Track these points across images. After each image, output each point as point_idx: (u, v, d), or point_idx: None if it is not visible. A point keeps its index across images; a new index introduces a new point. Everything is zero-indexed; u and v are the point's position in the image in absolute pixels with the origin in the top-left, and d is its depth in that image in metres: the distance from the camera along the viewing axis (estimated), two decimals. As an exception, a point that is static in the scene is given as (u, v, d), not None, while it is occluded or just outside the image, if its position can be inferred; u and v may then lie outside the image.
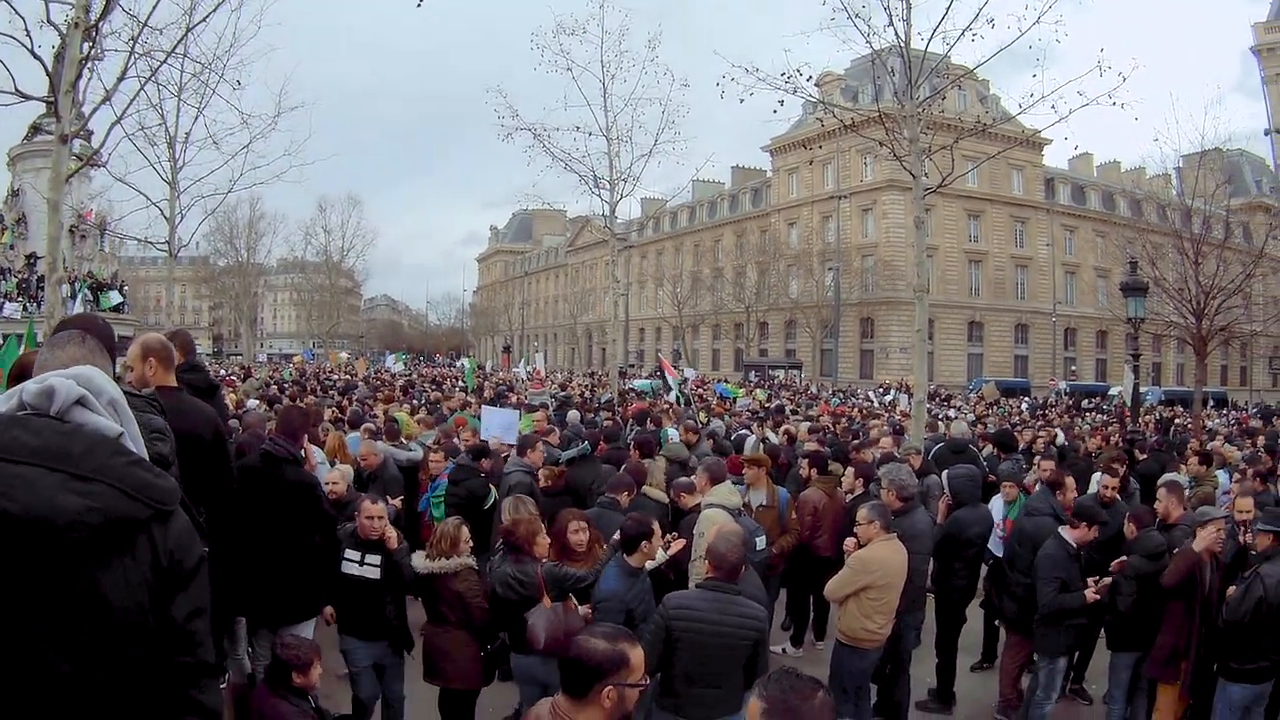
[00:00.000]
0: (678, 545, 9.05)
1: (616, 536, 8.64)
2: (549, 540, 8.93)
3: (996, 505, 12.77)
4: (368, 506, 9.03)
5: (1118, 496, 12.27)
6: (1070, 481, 11.84)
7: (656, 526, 8.61)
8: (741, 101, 20.96)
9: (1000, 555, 12.01)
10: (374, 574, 8.86)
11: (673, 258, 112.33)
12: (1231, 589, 9.20)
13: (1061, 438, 23.77)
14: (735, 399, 35.86)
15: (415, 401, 28.59)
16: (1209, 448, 20.10)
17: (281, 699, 7.34)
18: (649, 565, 8.60)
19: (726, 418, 25.03)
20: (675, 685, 7.27)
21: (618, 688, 4.52)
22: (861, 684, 9.78)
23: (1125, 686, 10.15)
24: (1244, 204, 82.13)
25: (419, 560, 8.76)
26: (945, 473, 14.11)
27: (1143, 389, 55.69)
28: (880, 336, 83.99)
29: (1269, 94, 57.24)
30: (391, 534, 9.01)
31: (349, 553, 8.93)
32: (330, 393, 31.21)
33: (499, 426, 16.66)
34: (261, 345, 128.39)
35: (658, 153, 33.47)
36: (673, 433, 18.47)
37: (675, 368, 36.79)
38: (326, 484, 10.53)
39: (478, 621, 8.73)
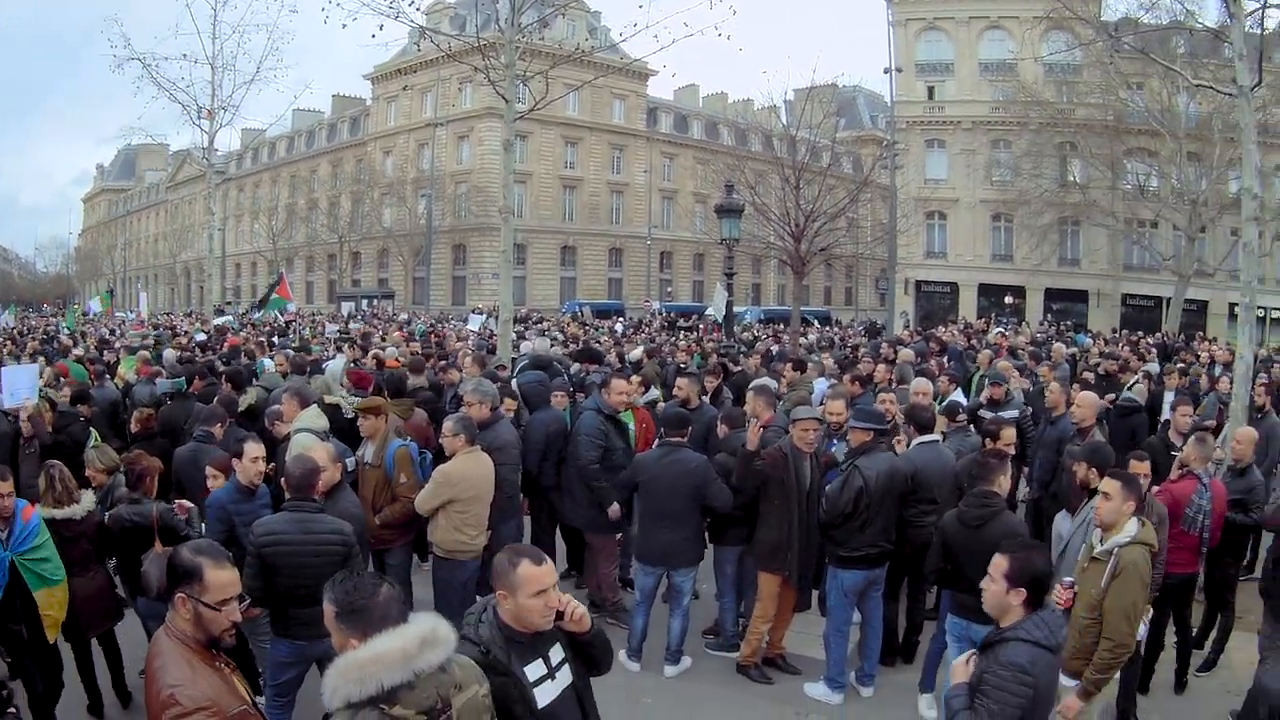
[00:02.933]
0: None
1: None
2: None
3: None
4: (532, 572, 4.77)
5: (698, 399, 12.75)
6: (619, 383, 11.86)
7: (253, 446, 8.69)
8: (344, 27, 20.68)
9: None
10: (568, 676, 5.12)
11: (270, 190, 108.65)
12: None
13: (637, 353, 24.06)
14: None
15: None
16: (817, 358, 21.07)
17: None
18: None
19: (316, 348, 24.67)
20: (282, 608, 7.38)
21: (190, 599, 4.51)
22: (465, 596, 9.70)
23: (732, 580, 10.59)
24: (855, 136, 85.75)
25: (59, 510, 8.40)
26: (515, 378, 14.82)
27: (742, 308, 57.57)
28: (473, 263, 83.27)
29: (894, 35, 59.54)
30: (567, 599, 5.00)
31: (530, 668, 4.89)
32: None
33: (26, 388, 14.20)
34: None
35: (261, 81, 32.95)
36: (268, 363, 18.38)
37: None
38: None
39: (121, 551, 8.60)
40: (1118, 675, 7.54)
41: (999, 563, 5.61)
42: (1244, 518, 10.31)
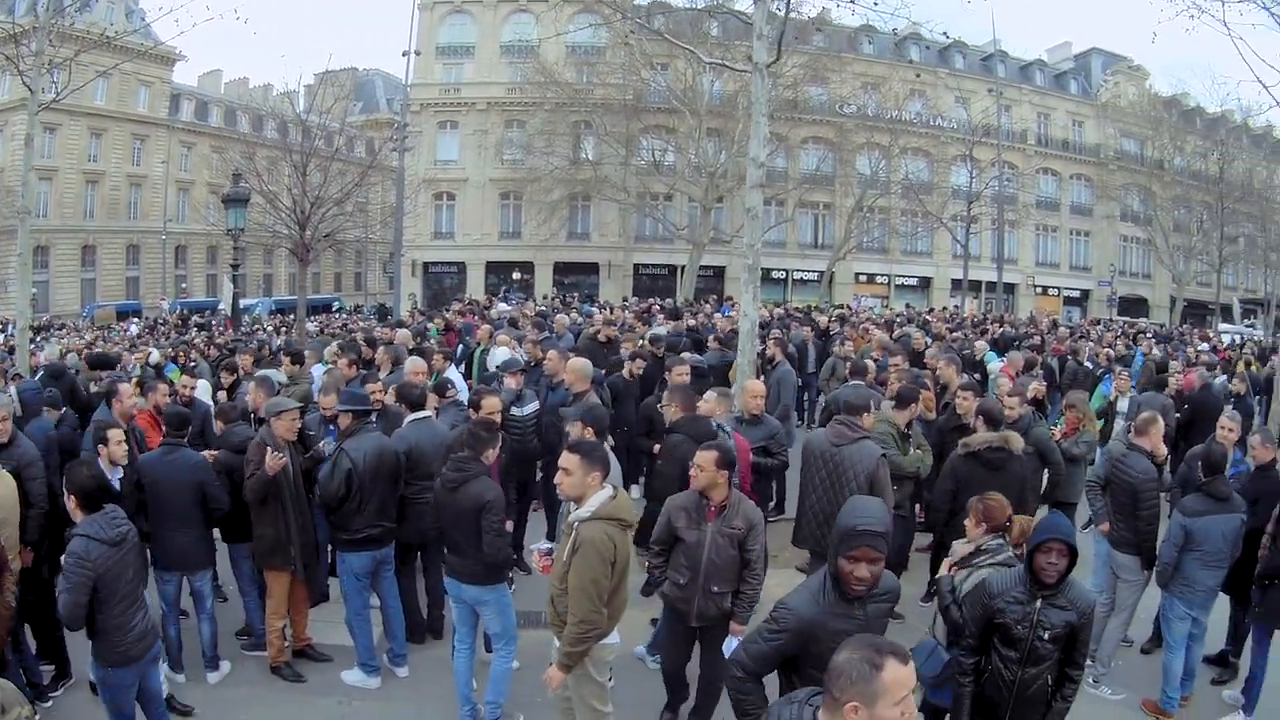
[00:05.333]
0: None
1: None
2: None
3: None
4: (901, 675, 3.83)
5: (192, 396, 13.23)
6: (126, 388, 11.71)
7: None
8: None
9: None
10: None
11: None
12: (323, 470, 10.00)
13: (155, 356, 23.68)
14: None
15: None
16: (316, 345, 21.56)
17: None
18: None
19: None
20: None
21: None
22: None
23: (251, 577, 10.63)
24: (370, 120, 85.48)
25: None
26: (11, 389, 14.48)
27: (253, 300, 56.96)
28: (-1, 269, 78.29)
29: (419, 19, 59.02)
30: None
31: None
32: None
33: None
34: None
35: None
36: None
37: None
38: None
39: None
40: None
41: None
42: (769, 461, 11.48)
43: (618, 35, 47.17)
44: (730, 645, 8.17)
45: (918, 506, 12.77)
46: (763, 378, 16.10)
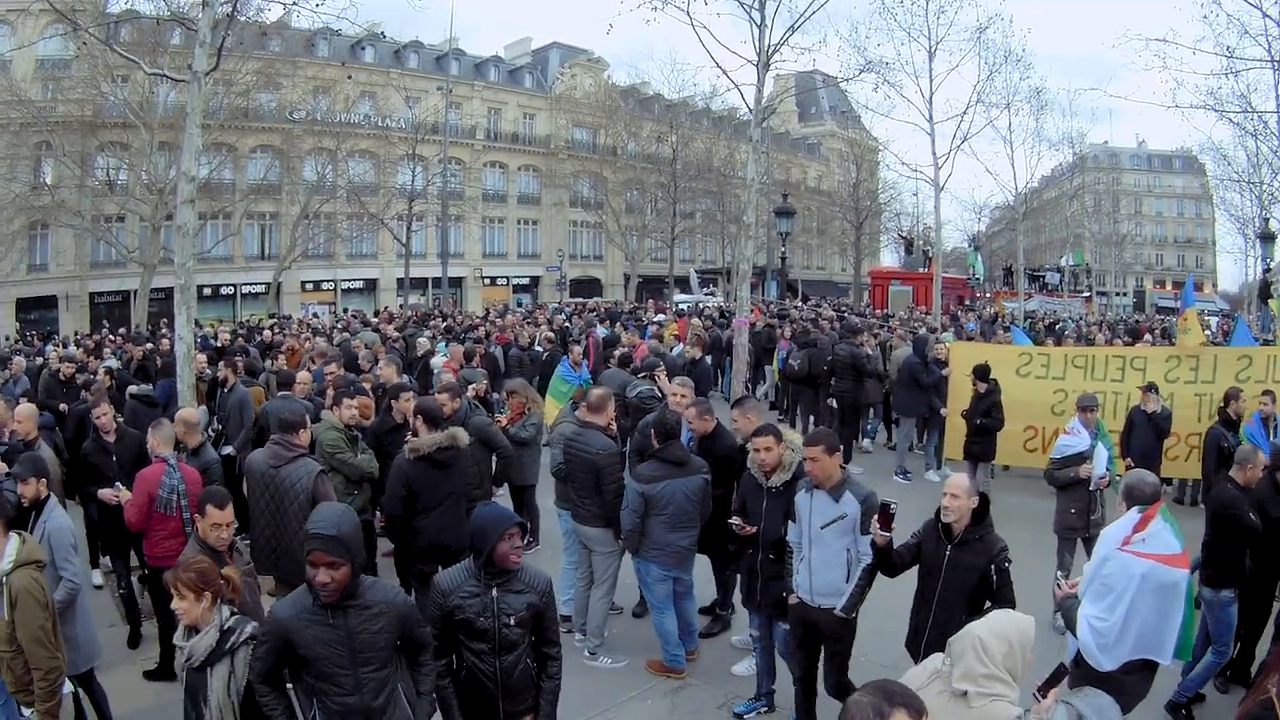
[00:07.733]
0: None
1: None
2: None
3: None
4: None
5: None
6: None
7: None
8: None
9: None
10: None
11: None
12: None
13: None
14: None
15: None
16: None
17: None
18: None
19: None
20: None
21: None
22: None
23: None
24: None
25: None
26: None
27: None
28: None
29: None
30: None
31: None
32: None
33: None
34: None
35: None
36: None
37: None
38: None
39: None
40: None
41: None
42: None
43: (79, 46, 45.40)
44: None
45: (379, 513, 12.31)
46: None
